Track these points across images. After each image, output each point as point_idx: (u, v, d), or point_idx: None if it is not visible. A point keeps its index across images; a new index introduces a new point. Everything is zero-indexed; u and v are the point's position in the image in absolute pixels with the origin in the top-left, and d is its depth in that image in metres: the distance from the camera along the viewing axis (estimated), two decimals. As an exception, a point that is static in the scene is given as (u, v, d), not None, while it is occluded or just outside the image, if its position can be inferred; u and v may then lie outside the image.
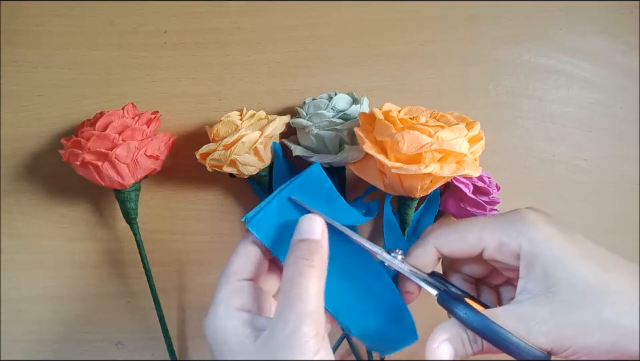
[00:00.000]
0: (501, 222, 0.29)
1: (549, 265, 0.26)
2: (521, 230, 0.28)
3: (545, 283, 0.26)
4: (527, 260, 0.27)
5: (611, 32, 0.46)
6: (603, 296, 0.25)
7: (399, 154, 0.33)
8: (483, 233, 0.29)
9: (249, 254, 0.30)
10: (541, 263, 0.27)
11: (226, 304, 0.28)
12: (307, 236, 0.28)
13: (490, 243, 0.29)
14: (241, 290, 0.28)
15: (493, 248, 0.29)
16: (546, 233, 0.27)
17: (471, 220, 0.31)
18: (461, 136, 0.34)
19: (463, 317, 0.27)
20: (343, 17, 0.45)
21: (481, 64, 0.46)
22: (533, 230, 0.28)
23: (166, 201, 0.46)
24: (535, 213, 0.29)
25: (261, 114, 0.41)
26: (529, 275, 0.27)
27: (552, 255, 0.27)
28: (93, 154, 0.38)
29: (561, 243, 0.27)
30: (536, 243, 0.27)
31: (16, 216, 0.46)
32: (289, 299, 0.26)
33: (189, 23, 0.45)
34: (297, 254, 0.27)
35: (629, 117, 0.46)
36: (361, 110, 0.40)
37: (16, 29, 0.45)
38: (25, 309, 0.47)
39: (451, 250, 0.31)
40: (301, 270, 0.27)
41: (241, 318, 0.27)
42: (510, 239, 0.28)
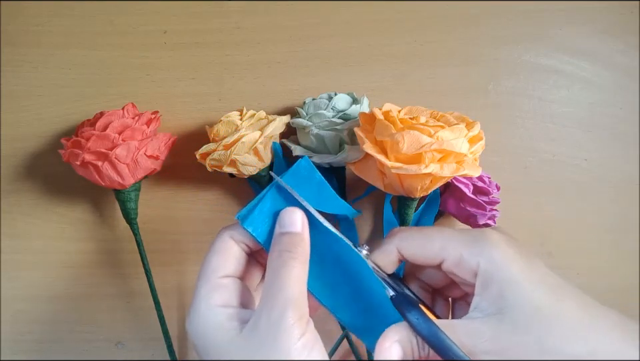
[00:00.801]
0: (465, 237, 0.29)
1: (504, 287, 0.27)
2: (483, 248, 0.28)
3: (498, 304, 0.27)
4: (484, 278, 0.28)
5: (610, 32, 0.46)
6: (551, 323, 0.26)
7: (399, 154, 0.33)
8: (446, 244, 0.29)
9: (228, 251, 0.30)
10: (496, 284, 0.27)
11: (206, 301, 0.28)
12: (289, 229, 0.29)
13: (450, 255, 0.29)
14: (222, 286, 0.28)
15: (453, 261, 0.29)
16: (506, 255, 0.28)
17: (437, 228, 0.31)
18: (461, 136, 0.34)
19: (414, 322, 0.28)
20: (343, 17, 0.45)
21: (481, 64, 0.46)
22: (494, 250, 0.28)
23: (166, 201, 0.46)
24: (498, 234, 0.29)
25: (260, 114, 0.41)
26: (484, 293, 0.28)
27: (508, 277, 0.27)
28: (92, 154, 0.38)
29: (518, 267, 0.27)
30: (494, 264, 0.27)
31: (16, 216, 0.46)
32: (273, 288, 0.27)
33: (189, 23, 0.45)
34: (279, 247, 0.29)
35: (629, 117, 0.46)
36: (361, 110, 0.40)
37: (16, 29, 0.45)
38: (24, 309, 0.47)
39: (412, 255, 0.31)
40: (284, 261, 0.28)
41: (224, 313, 0.27)
42: (470, 256, 0.28)
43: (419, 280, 0.34)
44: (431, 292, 0.34)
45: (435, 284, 0.33)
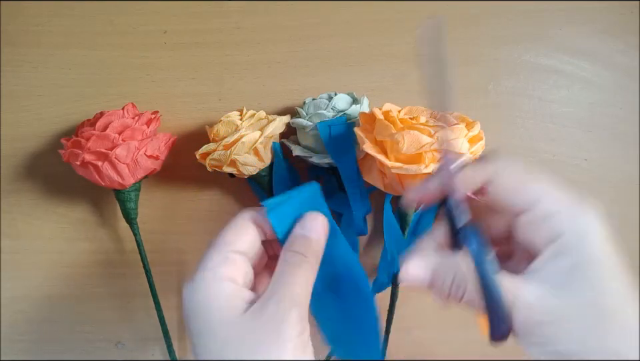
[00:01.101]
0: (566, 196, 0.27)
1: (583, 269, 0.24)
2: (583, 218, 0.26)
3: (564, 278, 0.25)
4: (564, 248, 0.25)
5: (610, 32, 0.46)
6: (617, 326, 0.24)
7: (399, 154, 0.33)
8: (544, 195, 0.27)
9: (245, 230, 0.29)
10: (578, 263, 0.25)
11: (215, 272, 0.27)
12: (309, 233, 0.29)
13: (542, 209, 0.26)
14: (233, 261, 0.28)
15: (540, 216, 0.26)
16: (604, 244, 0.25)
17: (536, 175, 0.28)
18: (461, 136, 0.34)
19: (474, 253, 0.25)
20: (343, 17, 0.45)
21: (481, 64, 0.46)
22: (593, 227, 0.25)
23: (166, 201, 0.46)
24: (598, 216, 0.26)
25: (260, 114, 0.41)
26: (553, 262, 0.25)
27: (597, 266, 0.25)
28: (92, 154, 0.38)
29: (610, 260, 0.25)
30: (588, 244, 0.25)
31: (16, 216, 0.46)
32: (285, 282, 0.27)
33: (189, 23, 0.45)
34: (295, 247, 0.28)
35: (629, 117, 0.46)
36: (360, 110, 0.40)
37: (16, 29, 0.45)
38: (24, 309, 0.47)
39: (502, 187, 0.27)
40: (297, 261, 0.28)
41: (231, 287, 0.27)
42: (564, 219, 0.26)
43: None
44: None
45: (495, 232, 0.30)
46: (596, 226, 0.25)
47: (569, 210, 0.26)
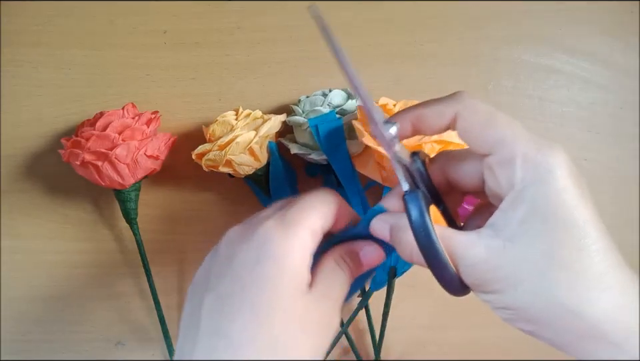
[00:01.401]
0: (534, 140, 0.23)
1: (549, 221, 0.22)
2: (549, 167, 0.23)
3: (519, 229, 0.23)
4: (525, 197, 0.23)
5: (611, 32, 0.46)
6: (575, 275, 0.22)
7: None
8: (509, 137, 0.23)
9: (331, 206, 0.27)
10: (538, 215, 0.22)
11: (304, 239, 0.25)
12: (363, 258, 0.28)
13: (506, 151, 0.23)
14: (315, 236, 0.26)
15: (505, 158, 0.23)
16: (570, 191, 0.23)
17: (504, 115, 0.25)
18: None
19: (413, 218, 0.24)
20: (343, 17, 0.45)
21: (481, 64, 0.46)
22: (559, 177, 0.23)
23: (166, 201, 0.46)
24: (567, 160, 0.23)
25: (256, 113, 0.41)
26: (510, 212, 0.23)
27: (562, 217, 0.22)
28: (92, 154, 0.38)
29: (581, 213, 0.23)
30: (552, 194, 0.22)
31: (16, 216, 0.46)
32: (333, 286, 0.26)
33: (189, 23, 0.45)
34: (345, 258, 0.28)
35: (629, 117, 0.46)
36: (357, 104, 0.40)
37: (16, 29, 0.45)
38: (24, 309, 0.47)
39: (468, 128, 0.25)
40: (340, 272, 0.27)
41: (307, 259, 0.25)
42: (528, 161, 0.23)
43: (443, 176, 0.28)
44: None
45: (453, 180, 0.28)
46: (557, 172, 0.22)
47: (531, 154, 0.23)
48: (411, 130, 0.27)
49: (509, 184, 0.23)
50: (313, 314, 0.24)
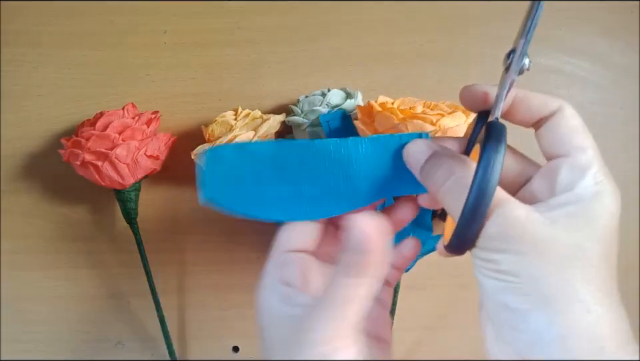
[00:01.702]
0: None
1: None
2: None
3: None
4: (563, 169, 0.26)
5: (610, 32, 0.46)
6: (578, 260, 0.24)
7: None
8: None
9: (299, 223, 0.28)
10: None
11: (270, 276, 0.27)
12: (362, 247, 0.24)
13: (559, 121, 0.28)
14: (285, 262, 0.27)
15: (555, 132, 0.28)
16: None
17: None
18: (461, 123, 0.34)
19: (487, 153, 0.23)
20: (342, 17, 0.45)
21: (481, 64, 0.46)
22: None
23: (166, 201, 0.46)
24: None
25: (255, 113, 0.41)
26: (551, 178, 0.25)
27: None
28: (93, 154, 0.38)
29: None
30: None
31: (16, 216, 0.46)
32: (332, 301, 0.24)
33: (189, 23, 0.45)
34: (348, 273, 0.24)
35: (629, 117, 0.46)
36: (355, 104, 0.40)
37: (16, 29, 0.45)
38: (24, 309, 0.47)
39: (525, 98, 0.29)
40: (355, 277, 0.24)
41: (281, 292, 0.26)
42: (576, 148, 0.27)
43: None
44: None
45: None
46: (611, 207, 0.26)
47: (599, 175, 0.26)
48: (510, 104, 0.28)
49: (567, 186, 0.25)
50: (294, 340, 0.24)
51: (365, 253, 0.24)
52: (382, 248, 0.24)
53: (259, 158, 0.28)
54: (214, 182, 0.28)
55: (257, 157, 0.28)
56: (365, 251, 0.24)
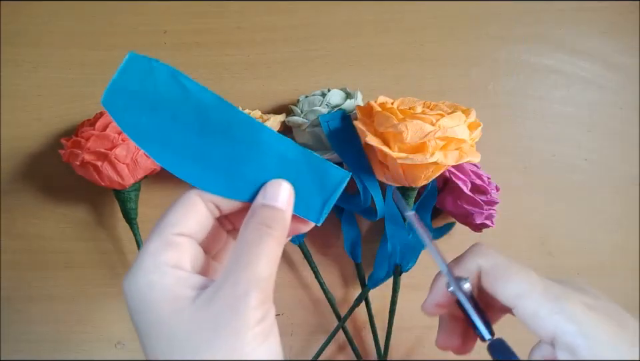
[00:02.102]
0: (546, 290, 0.26)
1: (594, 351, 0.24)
2: (564, 312, 0.25)
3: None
4: (568, 347, 0.25)
5: (611, 32, 0.46)
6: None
7: (403, 144, 0.33)
8: (523, 292, 0.26)
9: (191, 207, 0.26)
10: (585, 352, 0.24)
11: (155, 258, 0.24)
12: (272, 203, 0.26)
13: (526, 308, 0.26)
14: (175, 244, 0.24)
15: (527, 314, 0.26)
16: (593, 324, 0.25)
17: (521, 268, 0.27)
18: (461, 123, 0.34)
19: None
20: (343, 17, 0.45)
21: (481, 64, 0.46)
22: (578, 315, 0.25)
23: (166, 201, 0.46)
24: (581, 293, 0.26)
25: (255, 113, 0.41)
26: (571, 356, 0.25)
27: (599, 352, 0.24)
28: (92, 154, 0.38)
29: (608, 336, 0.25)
30: (581, 335, 0.25)
31: (16, 216, 0.46)
32: (242, 262, 0.23)
33: (189, 23, 0.45)
34: (258, 219, 0.25)
35: (629, 117, 0.46)
36: (355, 104, 0.40)
37: (16, 29, 0.45)
38: (24, 309, 0.47)
39: (489, 283, 0.28)
40: (260, 236, 0.24)
41: (174, 274, 0.23)
42: (548, 315, 0.25)
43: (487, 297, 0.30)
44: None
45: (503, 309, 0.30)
46: (577, 316, 0.25)
47: (545, 311, 0.26)
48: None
49: (548, 335, 0.25)
50: (204, 319, 0.22)
51: (276, 208, 0.25)
52: (290, 208, 0.26)
53: (189, 96, 0.27)
54: (123, 90, 0.26)
55: (187, 94, 0.26)
56: (277, 206, 0.26)
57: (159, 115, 0.26)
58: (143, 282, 0.23)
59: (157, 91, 0.26)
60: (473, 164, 0.42)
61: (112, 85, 0.26)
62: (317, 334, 0.46)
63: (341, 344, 0.47)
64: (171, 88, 0.26)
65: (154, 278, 0.23)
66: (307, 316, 0.46)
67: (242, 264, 0.23)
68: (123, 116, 0.26)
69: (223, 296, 0.22)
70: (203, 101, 0.27)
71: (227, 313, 0.22)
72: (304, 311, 0.46)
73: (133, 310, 0.23)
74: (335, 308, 0.44)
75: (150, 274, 0.23)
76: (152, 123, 0.26)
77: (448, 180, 0.41)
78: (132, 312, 0.23)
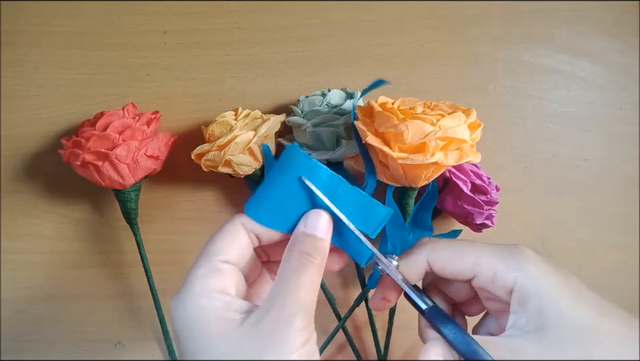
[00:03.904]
0: (499, 252, 0.28)
1: (544, 303, 0.26)
2: (520, 264, 0.27)
3: (538, 321, 0.26)
4: (521, 295, 0.27)
5: (610, 32, 0.46)
6: (595, 337, 0.25)
7: (403, 145, 0.33)
8: (480, 259, 0.28)
9: (235, 236, 0.28)
10: (536, 301, 0.26)
11: (203, 283, 0.25)
12: (313, 232, 0.28)
13: (485, 271, 0.28)
14: (222, 271, 0.26)
15: (487, 276, 0.28)
16: (544, 271, 0.27)
17: (469, 242, 0.30)
18: (461, 123, 0.34)
19: (451, 337, 0.27)
20: (342, 17, 0.45)
21: (481, 64, 0.46)
22: (531, 266, 0.27)
23: (166, 201, 0.46)
24: (533, 251, 0.28)
25: (255, 113, 0.41)
26: (522, 311, 0.27)
27: (548, 294, 0.26)
28: (93, 154, 0.38)
29: (557, 283, 0.27)
30: (533, 280, 0.27)
31: (16, 216, 0.46)
32: (288, 288, 0.25)
33: (189, 23, 0.45)
34: (300, 247, 0.27)
35: (629, 117, 0.46)
36: (355, 104, 0.40)
37: (16, 29, 0.45)
38: (24, 309, 0.47)
39: (442, 268, 0.30)
40: (303, 264, 0.26)
41: (221, 299, 0.25)
42: (506, 271, 0.27)
43: (440, 292, 0.32)
44: (451, 305, 0.33)
45: (457, 298, 0.32)
46: (529, 269, 0.27)
47: (506, 265, 0.28)
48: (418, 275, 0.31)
49: (506, 291, 0.28)
50: (253, 340, 0.24)
51: (317, 238, 0.28)
52: (329, 237, 0.28)
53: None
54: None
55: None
56: (318, 235, 0.28)
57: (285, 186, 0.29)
58: (192, 305, 0.25)
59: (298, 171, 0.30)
60: (473, 164, 0.42)
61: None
62: (317, 334, 0.46)
63: (341, 344, 0.47)
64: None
65: (203, 302, 0.25)
66: (307, 316, 0.46)
67: (287, 289, 0.25)
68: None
69: (270, 319, 0.24)
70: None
71: (275, 335, 0.24)
72: (304, 311, 0.46)
73: (181, 331, 0.25)
74: (334, 308, 0.44)
75: (199, 298, 0.25)
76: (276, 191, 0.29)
77: (448, 180, 0.41)
78: (179, 333, 0.25)
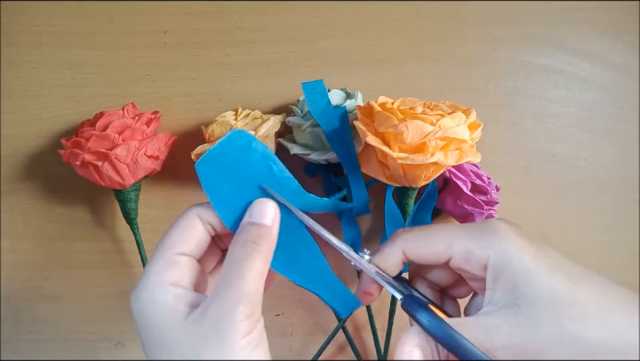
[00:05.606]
0: (470, 231, 0.29)
1: (517, 277, 0.26)
2: (491, 240, 0.27)
3: (512, 295, 0.26)
4: (495, 271, 0.27)
5: (611, 32, 0.46)
6: (569, 309, 0.24)
7: (403, 145, 0.33)
8: (452, 241, 0.28)
9: (190, 228, 0.28)
10: (508, 275, 0.26)
11: (157, 276, 0.26)
12: (259, 220, 0.28)
13: (458, 252, 0.28)
14: (176, 264, 0.27)
15: (461, 257, 0.28)
16: (516, 245, 0.27)
17: (441, 226, 0.30)
18: (461, 123, 0.34)
19: (426, 324, 0.27)
20: (342, 17, 0.45)
21: (481, 64, 0.46)
22: (503, 241, 0.27)
23: (166, 201, 0.46)
24: (506, 224, 0.28)
25: (255, 113, 0.41)
26: (496, 287, 0.27)
27: (520, 267, 0.26)
28: (93, 154, 0.38)
29: (530, 255, 0.26)
30: (505, 255, 0.26)
31: (16, 216, 0.46)
32: (230, 279, 0.25)
33: (189, 23, 0.45)
34: (245, 236, 0.27)
35: (629, 117, 0.46)
36: (355, 104, 0.40)
37: (16, 29, 0.45)
38: (25, 309, 0.47)
39: (417, 255, 0.30)
40: (247, 252, 0.26)
41: (173, 292, 0.26)
42: (479, 249, 0.27)
43: (425, 280, 0.32)
44: (439, 292, 0.33)
45: (442, 283, 0.32)
46: (503, 245, 0.27)
47: (478, 243, 0.28)
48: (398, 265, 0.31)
49: (481, 268, 0.28)
50: (195, 333, 0.24)
51: (262, 225, 0.28)
52: (277, 226, 0.28)
53: (272, 176, 0.30)
54: (217, 160, 0.30)
55: (272, 175, 0.30)
56: (263, 222, 0.28)
57: (241, 187, 0.29)
58: (146, 299, 0.26)
59: (248, 167, 0.30)
60: (473, 164, 0.42)
61: (208, 153, 0.30)
62: (317, 334, 0.46)
63: (341, 344, 0.47)
64: (260, 167, 0.30)
65: (156, 295, 0.26)
66: (306, 316, 0.46)
67: (229, 281, 0.25)
68: (210, 181, 0.30)
69: (211, 313, 0.24)
70: (282, 183, 0.30)
71: (216, 328, 0.24)
72: (304, 311, 0.46)
73: (139, 324, 0.26)
74: (335, 308, 0.44)
75: (152, 292, 0.26)
76: (232, 192, 0.29)
77: (448, 180, 0.41)
78: (138, 326, 0.26)
